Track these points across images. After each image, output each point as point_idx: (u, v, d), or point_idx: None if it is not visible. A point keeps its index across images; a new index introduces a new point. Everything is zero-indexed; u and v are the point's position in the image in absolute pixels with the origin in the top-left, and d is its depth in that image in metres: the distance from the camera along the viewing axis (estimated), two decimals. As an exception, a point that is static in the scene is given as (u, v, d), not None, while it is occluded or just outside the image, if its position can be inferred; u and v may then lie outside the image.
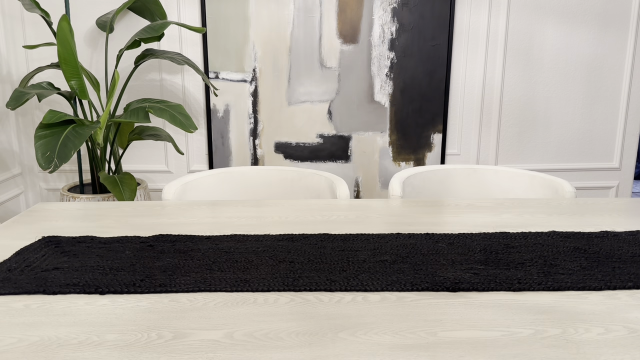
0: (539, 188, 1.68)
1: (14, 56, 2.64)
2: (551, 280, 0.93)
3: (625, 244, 1.09)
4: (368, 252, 1.05)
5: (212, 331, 0.77)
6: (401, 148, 2.76)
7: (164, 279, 0.93)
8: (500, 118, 2.76)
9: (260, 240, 1.11)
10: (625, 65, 2.73)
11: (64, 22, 2.05)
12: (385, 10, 2.60)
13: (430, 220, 1.28)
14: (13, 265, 0.98)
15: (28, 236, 1.15)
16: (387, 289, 0.89)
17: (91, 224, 1.24)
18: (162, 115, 2.16)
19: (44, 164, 1.84)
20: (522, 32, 2.67)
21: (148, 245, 1.08)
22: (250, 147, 2.76)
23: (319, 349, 0.72)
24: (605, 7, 2.65)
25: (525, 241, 1.11)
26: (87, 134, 1.98)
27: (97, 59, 2.64)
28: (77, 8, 2.57)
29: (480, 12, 2.63)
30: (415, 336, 0.75)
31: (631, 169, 2.88)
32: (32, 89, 2.20)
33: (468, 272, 0.95)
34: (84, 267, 0.97)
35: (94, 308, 0.83)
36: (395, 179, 1.64)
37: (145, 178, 2.78)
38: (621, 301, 0.86)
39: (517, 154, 2.82)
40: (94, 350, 0.72)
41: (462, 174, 1.78)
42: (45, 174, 2.79)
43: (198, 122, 2.73)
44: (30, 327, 0.78)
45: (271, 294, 0.88)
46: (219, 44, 2.63)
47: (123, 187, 2.09)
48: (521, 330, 0.77)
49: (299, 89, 2.69)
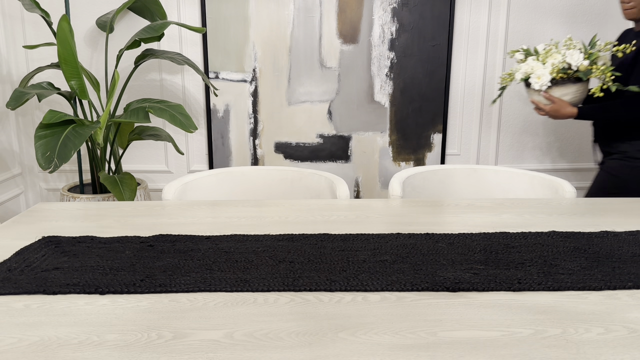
0: (539, 188, 1.68)
1: (14, 56, 2.64)
2: (551, 280, 0.93)
3: (625, 244, 1.09)
4: (368, 252, 1.05)
5: (212, 331, 0.77)
6: (401, 148, 2.76)
7: (164, 279, 0.93)
8: (500, 118, 2.76)
9: (260, 240, 1.11)
10: (625, 65, 2.73)
11: (64, 22, 2.05)
12: (385, 10, 2.60)
13: (430, 220, 1.28)
14: (13, 265, 0.98)
15: (28, 236, 1.15)
16: (387, 289, 0.89)
17: (91, 224, 1.24)
18: (162, 115, 2.16)
19: (44, 164, 1.84)
20: (522, 32, 2.67)
21: (148, 245, 1.08)
22: (250, 147, 2.76)
23: (319, 349, 0.72)
24: (605, 7, 2.65)
25: (525, 241, 1.11)
26: (87, 134, 1.98)
27: (97, 59, 2.64)
28: (77, 8, 2.57)
29: (480, 12, 2.63)
30: (415, 336, 0.75)
31: (631, 169, 2.88)
32: (32, 89, 2.20)
33: (468, 272, 0.95)
34: (84, 267, 0.97)
35: (94, 308, 0.83)
36: (395, 179, 1.64)
37: (145, 178, 2.78)
38: (621, 301, 0.86)
39: (517, 154, 2.82)
40: (94, 350, 0.72)
41: (462, 174, 1.78)
42: (45, 174, 2.79)
43: (198, 122, 2.73)
44: (30, 327, 0.78)
45: (271, 294, 0.88)
46: (219, 44, 2.63)
47: (123, 187, 2.09)
48: (521, 330, 0.77)
49: (299, 89, 2.69)
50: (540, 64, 1.81)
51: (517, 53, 1.93)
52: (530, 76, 1.85)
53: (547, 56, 1.81)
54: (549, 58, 1.80)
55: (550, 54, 1.81)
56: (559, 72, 1.79)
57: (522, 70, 1.86)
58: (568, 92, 1.83)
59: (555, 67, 1.78)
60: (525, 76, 1.86)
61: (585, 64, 1.76)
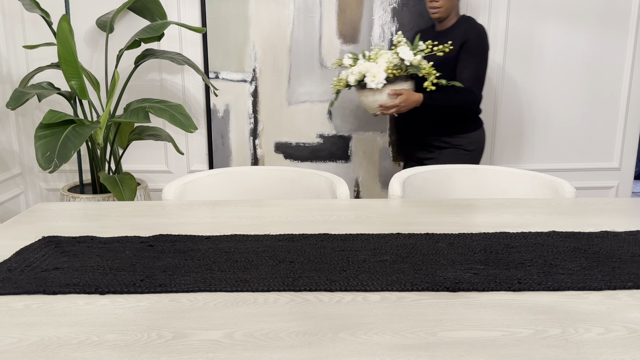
0: (539, 188, 1.68)
1: (14, 56, 2.64)
2: (551, 280, 0.93)
3: (625, 244, 1.09)
4: (368, 252, 1.05)
5: (212, 331, 0.77)
6: (401, 148, 2.76)
7: (164, 279, 0.93)
8: (501, 118, 2.76)
9: (260, 240, 1.11)
10: (625, 65, 2.73)
11: (64, 22, 2.05)
12: (385, 11, 2.60)
13: (430, 220, 1.28)
14: (13, 265, 0.98)
15: (28, 236, 1.15)
16: (387, 289, 0.89)
17: (91, 224, 1.24)
18: (162, 115, 2.16)
19: (44, 164, 1.84)
20: (522, 32, 2.67)
21: (148, 245, 1.08)
22: (250, 147, 2.76)
23: (319, 349, 0.72)
24: (605, 7, 2.65)
25: (525, 241, 1.11)
26: (87, 134, 1.98)
27: (97, 59, 2.64)
28: (77, 8, 2.57)
29: (480, 12, 2.63)
30: (415, 336, 0.75)
31: (631, 169, 2.88)
32: (32, 89, 2.20)
33: (468, 272, 0.95)
34: (84, 267, 0.97)
35: (94, 308, 0.83)
36: (395, 179, 1.64)
37: (145, 178, 2.78)
38: (621, 301, 0.86)
39: (517, 154, 2.82)
40: (94, 350, 0.72)
41: (462, 174, 1.78)
42: (45, 174, 2.79)
43: (198, 122, 2.73)
44: (30, 327, 0.78)
45: (271, 294, 0.88)
46: (219, 44, 2.63)
47: (123, 187, 2.09)
48: (521, 330, 0.77)
49: (299, 89, 2.69)
50: (373, 64, 1.81)
51: (346, 58, 1.91)
52: (365, 76, 1.82)
53: (378, 56, 1.83)
54: (379, 58, 1.82)
55: (379, 54, 1.83)
56: (394, 68, 1.80)
57: (356, 71, 1.83)
58: (402, 88, 1.88)
59: (390, 63, 1.79)
60: (360, 77, 1.83)
61: (418, 59, 1.80)
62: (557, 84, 2.73)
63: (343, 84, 1.87)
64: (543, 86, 2.73)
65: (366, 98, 1.89)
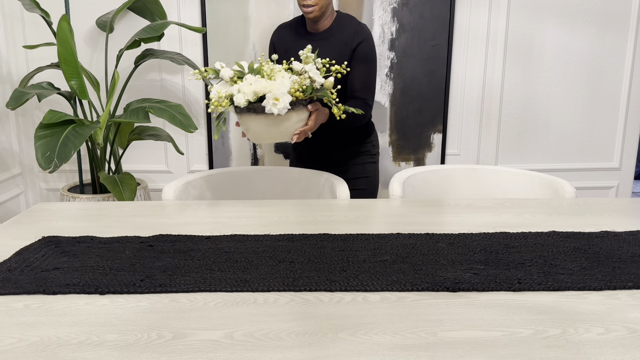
0: (539, 188, 1.68)
1: (14, 56, 2.64)
2: (551, 280, 0.93)
3: (625, 244, 1.09)
4: (368, 252, 1.05)
5: (212, 331, 0.77)
6: (401, 148, 2.76)
7: (164, 279, 0.93)
8: (500, 118, 2.76)
9: (260, 240, 1.11)
10: (625, 65, 2.73)
11: (64, 22, 2.05)
12: (385, 10, 2.60)
13: (430, 220, 1.28)
14: (13, 265, 0.98)
15: (28, 236, 1.15)
16: (387, 289, 0.89)
17: (91, 224, 1.24)
18: (162, 115, 2.16)
19: (44, 164, 1.84)
20: (522, 32, 2.67)
21: (148, 245, 1.08)
22: (250, 147, 2.76)
23: (319, 349, 0.72)
24: (605, 7, 2.65)
25: (525, 241, 1.11)
26: (87, 134, 1.98)
27: (97, 59, 2.64)
28: (77, 8, 2.57)
29: (480, 12, 2.63)
30: (415, 336, 0.75)
31: (631, 169, 2.88)
32: (32, 89, 2.20)
33: (468, 272, 0.95)
34: (84, 267, 0.97)
35: (94, 308, 0.83)
36: (395, 179, 1.64)
37: (145, 178, 2.78)
38: (621, 301, 0.86)
39: (517, 154, 2.82)
40: (94, 350, 0.72)
41: (462, 174, 1.78)
42: (45, 174, 2.79)
43: (198, 122, 2.73)
44: (30, 327, 0.78)
45: (271, 294, 0.88)
46: (219, 44, 2.63)
47: (123, 187, 2.09)
48: (521, 330, 0.77)
49: (299, 89, 2.69)
50: (273, 82, 1.38)
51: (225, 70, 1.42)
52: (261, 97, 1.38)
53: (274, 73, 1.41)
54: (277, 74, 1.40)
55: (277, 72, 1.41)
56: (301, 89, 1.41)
57: (248, 91, 1.37)
58: (304, 117, 1.47)
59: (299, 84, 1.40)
60: (254, 98, 1.38)
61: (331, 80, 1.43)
62: (557, 83, 2.73)
63: (225, 104, 1.37)
64: (543, 86, 2.73)
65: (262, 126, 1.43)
